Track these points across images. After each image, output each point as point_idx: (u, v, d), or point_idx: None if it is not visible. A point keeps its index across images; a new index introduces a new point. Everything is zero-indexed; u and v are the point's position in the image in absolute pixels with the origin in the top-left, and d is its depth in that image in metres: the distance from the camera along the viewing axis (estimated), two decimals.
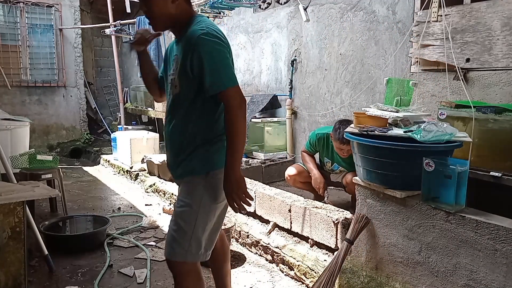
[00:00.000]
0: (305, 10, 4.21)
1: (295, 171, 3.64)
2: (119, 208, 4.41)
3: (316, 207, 2.84)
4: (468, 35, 3.03)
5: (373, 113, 2.42)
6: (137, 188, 5.28)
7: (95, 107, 8.45)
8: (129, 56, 8.79)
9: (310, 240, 2.83)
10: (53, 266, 2.89)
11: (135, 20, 6.05)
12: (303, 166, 3.67)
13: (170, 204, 4.49)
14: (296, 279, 2.80)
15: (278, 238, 3.05)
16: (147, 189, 5.03)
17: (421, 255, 2.07)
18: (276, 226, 3.15)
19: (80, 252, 3.18)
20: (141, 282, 2.76)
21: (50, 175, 4.03)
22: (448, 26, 3.06)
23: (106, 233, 3.48)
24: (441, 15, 3.12)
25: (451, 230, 1.93)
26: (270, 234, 3.14)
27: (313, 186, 3.50)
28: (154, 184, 4.97)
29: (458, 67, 2.92)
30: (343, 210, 2.79)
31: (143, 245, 3.35)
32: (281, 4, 4.96)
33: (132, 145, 5.68)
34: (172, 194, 4.52)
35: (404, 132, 2.23)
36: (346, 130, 2.47)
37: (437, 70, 3.27)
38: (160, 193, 4.79)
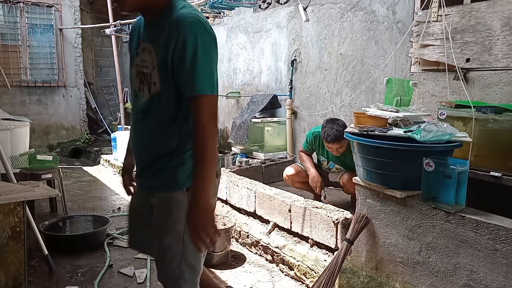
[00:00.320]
0: (304, 10, 4.21)
1: (293, 171, 3.64)
2: (119, 208, 4.41)
3: (316, 207, 2.84)
4: (468, 35, 3.03)
5: (373, 113, 2.42)
6: None
7: (95, 107, 8.45)
8: (129, 56, 8.79)
9: (310, 240, 2.83)
10: (53, 266, 2.89)
11: (135, 20, 6.04)
12: (301, 166, 3.67)
13: None
14: (296, 279, 2.80)
15: (278, 238, 3.05)
16: None
17: (421, 255, 2.07)
18: (276, 226, 3.15)
19: (80, 252, 3.18)
20: (141, 282, 2.76)
21: (50, 175, 4.03)
22: (448, 26, 3.06)
23: (106, 233, 3.48)
24: (441, 15, 3.12)
25: (451, 230, 1.93)
26: (270, 234, 3.14)
27: (310, 184, 3.51)
28: None
29: (458, 67, 2.92)
30: (343, 210, 2.79)
31: None
32: (281, 4, 4.96)
33: None
34: None
35: (404, 132, 2.23)
36: (346, 130, 2.47)
37: (437, 70, 3.27)
38: None
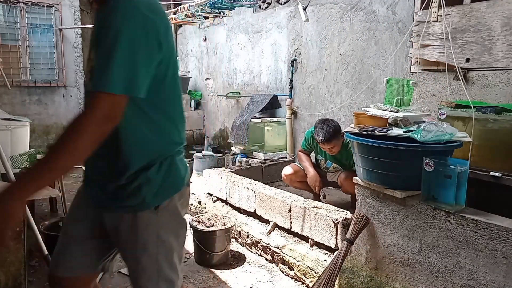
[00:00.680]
0: (304, 10, 4.20)
1: (292, 171, 3.64)
2: None
3: (316, 207, 2.84)
4: (468, 35, 3.03)
5: (373, 113, 2.42)
6: None
7: None
8: None
9: (310, 240, 2.83)
10: None
11: None
12: (300, 166, 3.67)
13: None
14: (296, 279, 2.80)
15: (278, 238, 3.05)
16: None
17: (421, 255, 2.07)
18: (276, 226, 3.15)
19: None
20: None
21: None
22: (448, 26, 3.06)
23: None
24: (441, 15, 3.12)
25: (451, 230, 1.93)
26: (270, 234, 3.14)
27: (309, 184, 3.51)
28: None
29: (458, 67, 2.91)
30: (343, 210, 2.80)
31: None
32: (281, 4, 4.96)
33: None
34: None
35: (404, 132, 2.24)
36: (346, 130, 2.47)
37: (437, 70, 3.27)
38: None
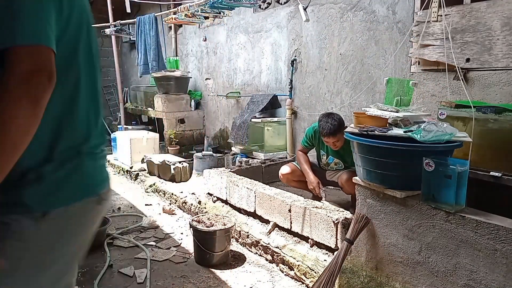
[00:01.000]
0: (304, 10, 4.20)
1: (289, 170, 3.62)
2: (119, 208, 4.41)
3: (316, 207, 2.84)
4: (468, 35, 3.03)
5: (373, 113, 2.42)
6: (137, 188, 5.28)
7: None
8: (129, 56, 8.80)
9: (310, 240, 2.83)
10: None
11: (135, 20, 6.05)
12: (297, 165, 3.67)
13: (170, 204, 4.49)
14: (296, 279, 2.80)
15: (278, 238, 3.05)
16: (147, 189, 5.03)
17: (421, 255, 2.07)
18: (276, 226, 3.15)
19: None
20: (141, 282, 2.76)
21: None
22: (448, 26, 3.06)
23: (106, 233, 3.48)
24: (441, 15, 3.12)
25: (451, 230, 1.93)
26: (270, 234, 3.14)
27: (308, 187, 3.52)
28: (154, 184, 4.97)
29: (458, 67, 2.92)
30: (343, 210, 2.80)
31: (143, 245, 3.36)
32: (281, 4, 4.96)
33: (132, 145, 5.69)
34: (172, 194, 4.52)
35: (404, 132, 2.24)
36: (346, 130, 2.47)
37: (437, 70, 3.27)
38: (160, 193, 4.79)
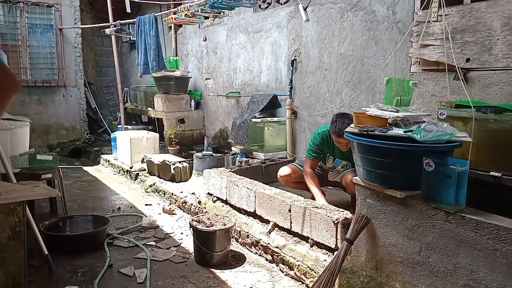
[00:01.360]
0: (305, 10, 4.20)
1: (289, 171, 3.58)
2: (119, 208, 4.41)
3: (316, 207, 2.84)
4: (468, 35, 3.03)
5: (373, 113, 2.42)
6: (137, 188, 5.28)
7: (95, 107, 8.45)
8: (129, 56, 8.80)
9: (310, 240, 2.83)
10: (53, 266, 2.89)
11: (135, 20, 6.05)
12: (297, 165, 3.64)
13: (170, 204, 4.49)
14: (296, 279, 2.80)
15: (278, 238, 3.05)
16: (147, 189, 5.03)
17: (421, 255, 2.07)
18: (276, 226, 3.15)
19: (80, 252, 3.18)
20: (141, 282, 2.76)
21: (50, 175, 4.03)
22: (448, 26, 3.06)
23: (106, 233, 3.48)
24: (441, 15, 3.12)
25: (451, 230, 1.93)
26: (270, 234, 3.14)
27: None
28: (154, 184, 4.97)
29: (458, 67, 2.91)
30: (343, 210, 2.80)
31: (143, 245, 3.36)
32: (281, 4, 4.96)
33: (132, 145, 5.69)
34: (172, 194, 4.52)
35: (404, 132, 2.23)
36: (346, 130, 2.47)
37: (437, 70, 3.27)
38: (160, 193, 4.79)
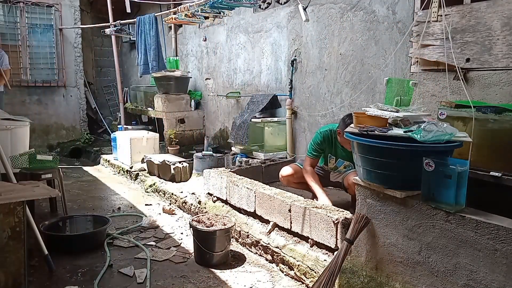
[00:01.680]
0: (304, 10, 4.20)
1: (291, 171, 3.56)
2: (119, 208, 4.41)
3: (316, 207, 2.84)
4: (468, 35, 3.03)
5: (373, 113, 2.42)
6: (137, 188, 5.28)
7: (95, 107, 8.45)
8: (129, 56, 8.80)
9: (310, 240, 2.83)
10: (53, 266, 2.89)
11: (135, 20, 6.05)
12: (299, 165, 3.64)
13: (170, 204, 4.49)
14: (296, 279, 2.80)
15: (278, 238, 3.05)
16: (147, 189, 5.03)
17: (421, 255, 2.07)
18: (276, 226, 3.15)
19: (80, 252, 3.18)
20: (141, 282, 2.76)
21: (50, 175, 4.03)
22: (448, 26, 3.06)
23: (106, 233, 3.48)
24: (441, 15, 3.12)
25: (451, 230, 1.93)
26: (270, 234, 3.14)
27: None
28: (154, 184, 4.97)
29: (458, 67, 2.91)
30: (343, 210, 2.80)
31: (143, 245, 3.36)
32: (281, 4, 4.96)
33: (132, 145, 5.69)
34: (172, 194, 4.52)
35: (404, 132, 2.23)
36: (346, 130, 2.47)
37: (437, 70, 3.27)
38: (160, 193, 4.79)
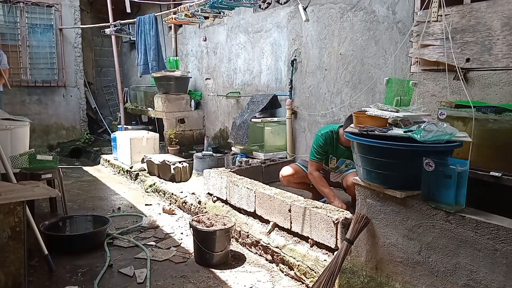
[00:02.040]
0: (304, 10, 4.20)
1: (291, 171, 3.56)
2: (119, 208, 4.41)
3: (316, 207, 2.84)
4: (468, 35, 3.03)
5: (373, 113, 2.42)
6: (137, 188, 5.28)
7: (95, 107, 8.45)
8: (129, 56, 8.80)
9: (310, 240, 2.83)
10: (53, 266, 2.89)
11: (135, 20, 6.05)
12: (299, 165, 3.63)
13: (170, 204, 4.49)
14: (296, 279, 2.80)
15: (278, 238, 3.05)
16: (147, 189, 5.03)
17: (421, 255, 2.07)
18: (276, 226, 3.15)
19: (80, 252, 3.18)
20: (141, 282, 2.76)
21: (50, 175, 4.03)
22: (448, 26, 3.06)
23: (106, 233, 3.48)
24: (441, 15, 3.12)
25: (451, 230, 1.93)
26: (270, 234, 3.14)
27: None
28: (154, 184, 4.97)
29: (458, 67, 2.91)
30: (343, 210, 2.80)
31: (143, 245, 3.36)
32: (281, 4, 4.96)
33: (132, 145, 5.69)
34: (172, 194, 4.52)
35: (404, 132, 2.23)
36: (346, 130, 2.47)
37: (437, 70, 3.27)
38: (160, 193, 4.79)
